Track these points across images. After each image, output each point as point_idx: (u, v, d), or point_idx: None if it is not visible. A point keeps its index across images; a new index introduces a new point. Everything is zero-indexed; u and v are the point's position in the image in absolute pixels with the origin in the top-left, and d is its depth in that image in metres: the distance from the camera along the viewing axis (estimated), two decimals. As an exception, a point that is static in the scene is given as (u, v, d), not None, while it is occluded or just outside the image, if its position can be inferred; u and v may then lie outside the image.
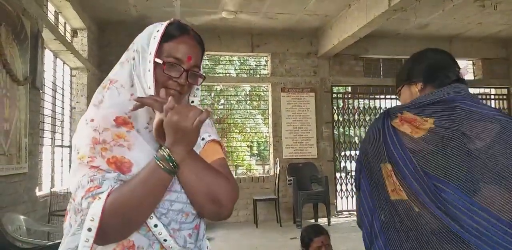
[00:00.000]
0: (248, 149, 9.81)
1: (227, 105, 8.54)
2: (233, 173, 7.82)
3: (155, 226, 0.88)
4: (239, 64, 9.36)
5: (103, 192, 0.84)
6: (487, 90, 8.25)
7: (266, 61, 7.48)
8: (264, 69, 7.59)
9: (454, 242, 1.03)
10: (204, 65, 8.68)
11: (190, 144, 0.90)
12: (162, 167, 0.87)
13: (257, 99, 9.35)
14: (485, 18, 6.41)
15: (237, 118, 8.62)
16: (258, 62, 8.22)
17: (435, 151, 1.10)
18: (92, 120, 0.93)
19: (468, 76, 8.15)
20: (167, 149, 0.88)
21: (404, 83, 1.37)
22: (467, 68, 8.20)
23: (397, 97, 1.44)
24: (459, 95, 1.20)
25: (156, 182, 0.86)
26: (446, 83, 1.25)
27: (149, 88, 0.94)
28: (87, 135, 0.91)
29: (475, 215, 1.02)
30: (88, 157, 0.88)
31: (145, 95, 0.94)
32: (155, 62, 0.94)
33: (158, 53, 0.95)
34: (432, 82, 1.29)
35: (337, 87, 7.91)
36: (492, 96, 8.10)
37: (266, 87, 7.32)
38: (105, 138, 0.90)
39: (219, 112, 8.88)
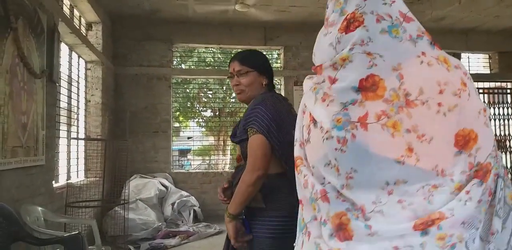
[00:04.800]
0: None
1: (240, 99, 8.51)
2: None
3: None
4: (251, 57, 9.34)
5: None
6: (503, 84, 8.10)
7: (278, 54, 7.44)
8: (277, 63, 7.55)
9: None
10: (216, 59, 8.59)
11: None
12: None
13: (269, 93, 9.32)
14: (503, 11, 6.28)
15: (249, 112, 8.60)
16: (270, 56, 8.18)
17: None
18: None
19: (484, 70, 8.01)
20: None
21: (257, 70, 1.78)
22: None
23: (236, 73, 1.79)
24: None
25: None
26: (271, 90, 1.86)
27: None
28: None
29: None
30: None
31: None
32: None
33: None
34: (269, 85, 1.84)
35: (350, 81, 7.84)
36: (509, 91, 7.95)
37: (279, 81, 7.29)
38: None
39: (230, 106, 8.89)
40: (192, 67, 8.40)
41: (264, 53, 8.54)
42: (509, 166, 7.67)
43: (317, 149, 1.03)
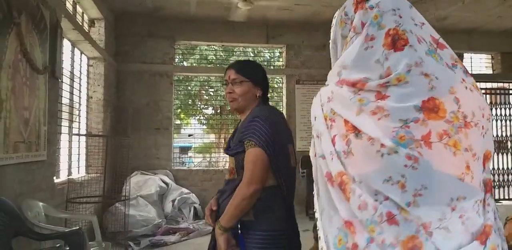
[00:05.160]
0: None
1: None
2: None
3: None
4: (253, 55, 9.34)
5: None
6: (506, 85, 8.09)
7: (280, 53, 7.44)
8: (279, 61, 7.55)
9: None
10: (217, 56, 8.57)
11: None
12: None
13: (271, 91, 9.33)
14: (506, 11, 6.27)
15: (250, 110, 8.60)
16: (272, 54, 8.17)
17: None
18: None
19: (487, 70, 8.00)
20: None
21: (252, 80, 1.77)
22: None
23: (231, 81, 1.78)
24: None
25: None
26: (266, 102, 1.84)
27: None
28: None
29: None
30: None
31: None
32: None
33: None
34: (263, 97, 1.82)
35: (352, 80, 7.83)
36: (511, 91, 7.94)
37: (281, 79, 7.29)
38: None
39: (232, 104, 8.85)
40: (194, 64, 8.38)
41: (266, 51, 8.60)
42: (510, 166, 7.67)
43: (368, 163, 1.01)
